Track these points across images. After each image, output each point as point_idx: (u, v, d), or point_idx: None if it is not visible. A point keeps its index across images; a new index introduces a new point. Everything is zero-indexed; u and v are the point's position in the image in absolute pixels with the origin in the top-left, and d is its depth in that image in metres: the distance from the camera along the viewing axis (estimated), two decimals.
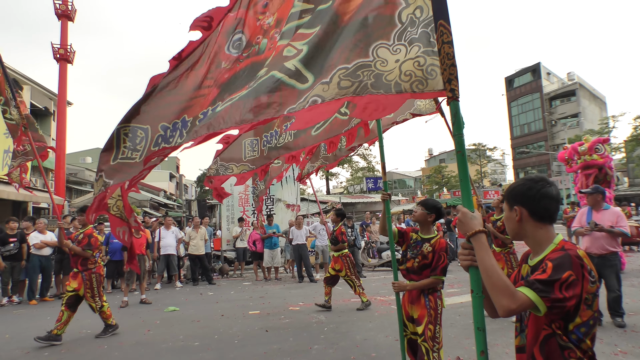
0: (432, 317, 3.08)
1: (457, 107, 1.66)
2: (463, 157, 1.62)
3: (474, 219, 1.51)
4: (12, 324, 6.60)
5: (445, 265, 3.14)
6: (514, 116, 43.68)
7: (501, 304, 1.30)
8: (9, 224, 8.58)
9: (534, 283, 1.31)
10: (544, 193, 1.49)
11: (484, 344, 1.50)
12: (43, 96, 23.30)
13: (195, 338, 5.40)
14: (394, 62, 1.86)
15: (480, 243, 1.46)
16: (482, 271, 1.40)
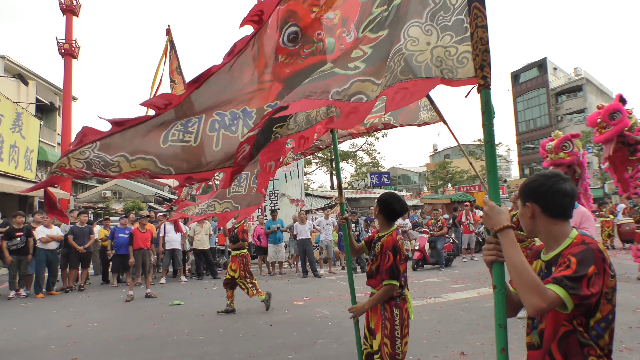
0: (387, 329, 2.59)
1: (489, 96, 1.60)
2: (492, 148, 1.58)
3: (501, 213, 1.48)
4: (20, 317, 6.67)
5: (389, 267, 2.60)
6: (519, 112, 43.35)
7: (531, 303, 1.27)
8: (16, 219, 8.65)
9: (562, 280, 1.28)
10: (557, 189, 1.46)
11: (504, 341, 1.47)
12: (48, 91, 23.41)
13: (200, 332, 5.44)
14: (425, 43, 1.77)
15: (508, 239, 1.42)
16: (511, 268, 1.36)
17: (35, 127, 17.73)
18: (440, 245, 10.65)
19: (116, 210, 24.29)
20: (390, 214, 2.78)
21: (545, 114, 40.39)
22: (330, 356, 4.35)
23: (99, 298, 8.28)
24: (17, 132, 15.78)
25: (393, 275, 2.58)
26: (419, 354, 4.27)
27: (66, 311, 7.00)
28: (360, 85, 1.83)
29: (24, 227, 8.60)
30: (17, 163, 15.91)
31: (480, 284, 8.09)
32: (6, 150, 14.88)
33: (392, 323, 2.59)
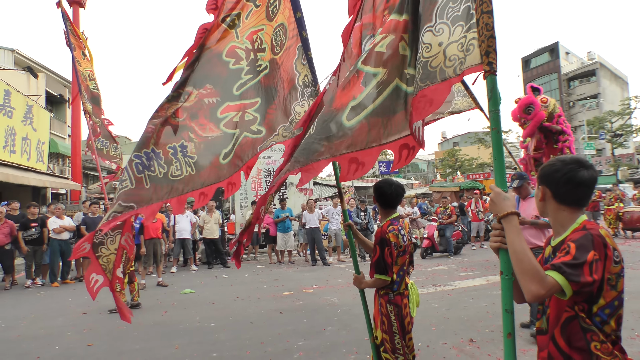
0: (384, 325, 2.54)
1: (495, 82, 1.59)
2: (498, 135, 1.57)
3: (507, 199, 1.48)
4: (37, 305, 6.84)
5: (376, 261, 2.53)
6: None
7: (529, 289, 1.28)
8: (30, 209, 8.82)
9: (560, 267, 1.28)
10: (570, 177, 1.43)
11: (511, 326, 1.48)
12: (58, 83, 23.58)
13: (211, 319, 5.53)
14: (437, 45, 1.74)
15: (512, 225, 1.43)
16: (512, 254, 1.38)
17: (45, 119, 17.94)
18: (449, 233, 10.63)
19: None
20: (385, 200, 2.68)
21: (556, 99, 39.66)
22: (339, 343, 4.40)
23: None
24: (29, 124, 15.98)
25: (379, 269, 2.52)
26: (427, 341, 4.30)
27: (80, 299, 7.16)
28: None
29: (39, 217, 8.78)
30: (29, 155, 16.14)
31: (489, 272, 8.08)
32: (18, 142, 15.09)
33: (388, 319, 2.54)
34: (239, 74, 3.04)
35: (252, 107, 3.04)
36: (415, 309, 2.63)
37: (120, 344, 4.64)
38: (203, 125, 3.00)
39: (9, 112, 14.29)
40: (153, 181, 2.79)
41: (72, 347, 4.62)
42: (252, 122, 3.04)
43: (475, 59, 1.63)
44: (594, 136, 32.94)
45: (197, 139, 2.98)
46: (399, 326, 2.51)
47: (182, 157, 2.94)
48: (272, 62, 3.06)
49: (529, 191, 4.55)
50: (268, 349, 4.29)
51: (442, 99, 1.77)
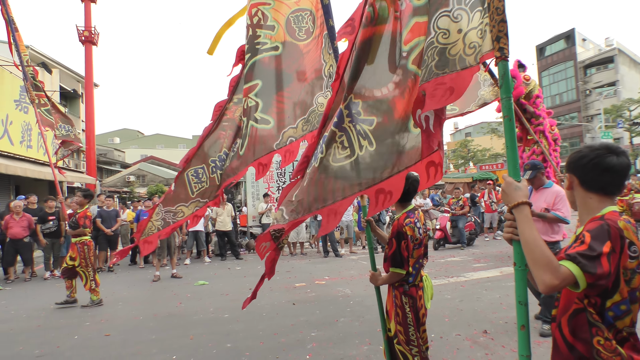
0: (399, 316, 2.51)
1: (506, 68, 1.54)
2: (511, 123, 1.53)
3: (518, 189, 1.45)
4: (55, 297, 6.99)
5: (392, 254, 2.48)
6: (544, 86, 41.78)
7: (542, 280, 1.25)
8: (47, 203, 9.00)
9: (576, 257, 1.24)
10: (597, 163, 1.39)
11: (525, 318, 1.46)
12: (71, 79, 23.89)
13: (224, 310, 5.59)
14: (457, 32, 1.67)
15: (523, 215, 1.40)
16: (523, 244, 1.35)
17: None
18: (461, 225, 10.55)
19: (140, 194, 24.91)
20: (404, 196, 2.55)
21: (572, 88, 38.80)
22: (352, 334, 4.41)
23: (127, 278, 8.60)
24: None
25: (395, 263, 2.48)
26: (441, 332, 4.29)
27: None
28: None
29: (56, 211, 8.95)
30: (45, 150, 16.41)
31: (503, 263, 8.00)
32: (34, 137, 15.37)
33: (403, 311, 2.51)
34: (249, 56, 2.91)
35: (253, 91, 2.83)
36: (429, 300, 2.62)
37: (137, 334, 4.73)
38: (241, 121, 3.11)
39: (24, 107, 14.54)
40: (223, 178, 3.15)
41: (90, 337, 4.72)
42: (254, 108, 2.83)
43: (488, 45, 1.59)
44: (611, 125, 32.19)
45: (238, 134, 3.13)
46: (413, 318, 2.50)
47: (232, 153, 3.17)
48: (289, 46, 2.84)
49: (542, 181, 4.32)
50: (281, 339, 4.33)
51: (463, 87, 1.68)
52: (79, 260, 6.20)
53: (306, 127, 2.84)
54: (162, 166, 37.41)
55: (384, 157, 2.01)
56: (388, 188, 2.01)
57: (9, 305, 6.42)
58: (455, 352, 3.79)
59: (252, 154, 2.86)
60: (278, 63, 2.85)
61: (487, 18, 1.59)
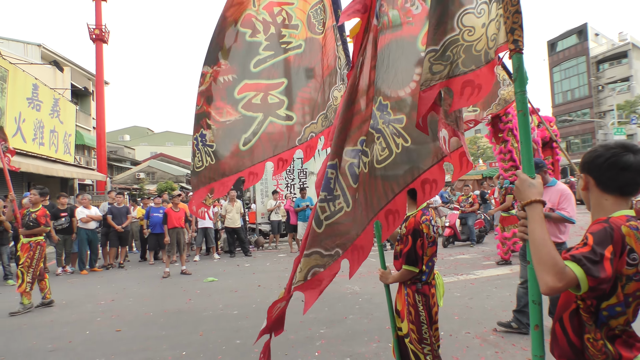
0: (411, 315, 2.49)
1: (521, 61, 1.50)
2: (525, 118, 1.49)
3: (532, 186, 1.41)
4: (67, 292, 7.11)
5: (407, 252, 2.46)
6: (556, 82, 41.23)
7: (545, 281, 1.22)
8: (60, 200, 9.12)
9: (581, 259, 1.20)
10: (614, 162, 1.35)
11: (539, 317, 1.43)
12: (82, 77, 24.14)
13: (234, 307, 5.62)
14: (481, 27, 1.63)
15: (535, 213, 1.37)
16: (531, 243, 1.32)
17: (71, 112, 18.43)
18: (471, 222, 10.47)
19: (150, 191, 25.14)
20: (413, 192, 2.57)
21: (584, 83, 38.20)
22: (361, 331, 4.41)
23: (137, 275, 8.69)
24: (56, 117, 16.45)
25: (410, 261, 2.46)
26: (450, 330, 4.26)
27: (108, 287, 7.40)
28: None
29: (68, 207, 9.07)
30: (57, 147, 16.65)
31: (512, 261, 7.93)
32: (47, 135, 15.57)
33: (415, 309, 2.49)
34: (257, 49, 2.82)
35: (277, 89, 2.81)
36: (442, 298, 2.59)
37: (147, 330, 4.78)
38: (220, 109, 2.84)
39: (37, 105, 14.74)
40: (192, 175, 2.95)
41: (101, 332, 4.78)
42: (277, 105, 2.81)
43: (502, 37, 1.54)
44: (624, 121, 31.64)
45: (215, 125, 2.85)
46: (426, 316, 2.48)
47: (202, 147, 2.87)
48: (310, 42, 2.82)
49: (546, 180, 4.11)
50: (290, 336, 4.34)
51: (489, 84, 1.66)
52: (24, 259, 5.84)
53: (325, 123, 2.79)
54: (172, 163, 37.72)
55: (421, 150, 2.11)
56: (432, 177, 2.11)
57: None
58: (465, 350, 3.77)
59: (271, 150, 2.81)
60: (301, 60, 2.84)
61: (501, 9, 1.56)
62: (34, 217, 6.03)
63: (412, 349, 2.49)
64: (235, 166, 2.88)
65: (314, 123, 2.79)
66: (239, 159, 2.86)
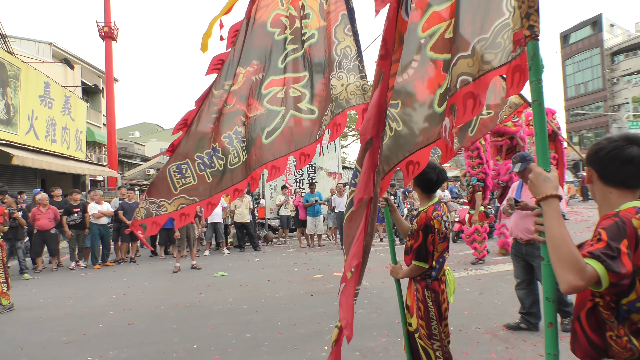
0: (420, 311, 2.47)
1: (537, 48, 1.43)
2: (540, 108, 1.44)
3: (548, 180, 1.36)
4: (81, 286, 7.23)
5: (417, 248, 2.43)
6: (568, 75, 40.50)
7: (566, 279, 1.18)
8: (72, 196, 9.27)
9: (600, 255, 1.18)
10: (616, 155, 1.32)
11: (553, 315, 1.40)
12: (92, 74, 24.39)
13: (244, 301, 5.66)
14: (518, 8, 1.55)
15: (551, 209, 1.32)
16: (549, 240, 1.27)
17: (82, 109, 18.64)
18: None
19: None
20: (427, 185, 2.55)
21: (598, 76, 37.45)
22: (370, 326, 4.41)
23: (148, 269, 8.80)
24: (67, 114, 16.65)
25: (420, 256, 2.43)
26: (460, 325, 4.24)
27: (120, 281, 7.51)
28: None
29: (80, 203, 9.22)
30: (68, 144, 16.87)
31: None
32: (59, 132, 15.78)
33: (425, 305, 2.46)
34: (283, 45, 2.84)
35: (299, 82, 2.80)
36: (452, 295, 2.56)
37: (159, 324, 4.84)
38: (250, 105, 2.89)
39: (49, 103, 14.93)
40: (215, 175, 2.93)
41: (114, 325, 4.86)
42: (299, 99, 2.79)
43: (516, 24, 1.48)
44: (639, 114, 31.02)
45: (247, 121, 2.89)
46: (436, 312, 2.45)
47: (237, 143, 2.92)
48: (321, 31, 2.78)
49: None
50: (300, 330, 4.36)
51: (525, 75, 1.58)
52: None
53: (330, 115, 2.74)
54: None
55: (411, 134, 2.14)
56: (416, 159, 2.14)
57: (37, 294, 6.66)
58: (474, 346, 3.75)
59: (293, 144, 2.80)
60: (317, 50, 2.79)
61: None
62: None
63: (422, 345, 2.47)
64: (257, 160, 2.90)
65: (326, 115, 2.76)
66: (261, 152, 2.87)
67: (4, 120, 12.35)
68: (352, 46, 2.67)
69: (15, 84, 12.84)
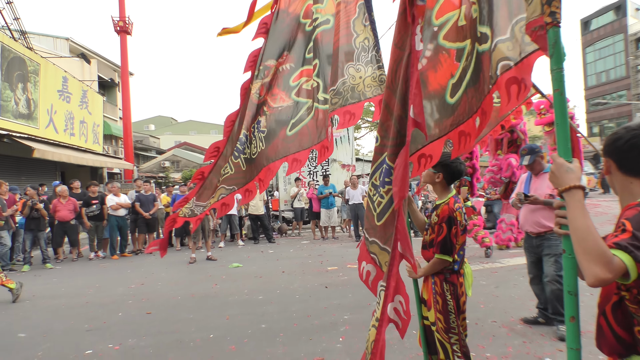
0: (438, 304, 2.44)
1: (558, 35, 1.38)
2: (562, 97, 1.39)
3: (570, 171, 1.32)
4: (100, 276, 7.41)
5: (442, 240, 2.38)
6: (589, 63, 39.34)
7: (593, 272, 1.14)
8: (91, 188, 9.47)
9: (627, 246, 1.13)
10: (635, 144, 1.27)
11: (574, 309, 1.37)
12: (108, 68, 24.72)
13: (259, 292, 5.72)
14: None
15: (575, 200, 1.27)
16: (573, 232, 1.23)
17: (99, 103, 18.94)
18: (497, 209, 10.23)
19: (175, 179, 25.71)
20: (453, 177, 2.51)
21: (621, 64, 36.23)
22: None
23: (165, 260, 8.91)
24: (85, 108, 16.94)
25: (445, 250, 2.38)
26: (475, 319, 4.21)
27: (138, 271, 7.67)
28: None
29: (99, 195, 9.41)
30: (86, 137, 17.19)
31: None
32: (77, 126, 16.08)
33: (443, 298, 2.42)
34: (310, 36, 2.79)
35: (314, 71, 2.73)
36: (470, 287, 2.53)
37: (176, 313, 4.93)
38: (275, 96, 2.86)
39: (67, 97, 15.21)
40: (247, 163, 2.97)
41: (133, 314, 4.97)
42: (317, 89, 2.72)
43: (536, 10, 1.41)
44: None
45: (269, 110, 2.87)
46: (454, 305, 2.41)
47: (257, 132, 2.92)
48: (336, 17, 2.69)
49: (542, 166, 3.98)
50: (315, 322, 4.39)
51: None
52: None
53: (336, 101, 2.65)
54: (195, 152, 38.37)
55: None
56: (429, 152, 2.09)
57: (59, 283, 6.85)
58: (491, 339, 3.72)
59: (316, 137, 2.75)
60: (330, 36, 2.71)
61: None
62: None
63: (439, 338, 2.44)
64: (281, 151, 2.88)
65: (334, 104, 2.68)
66: (285, 144, 2.85)
67: (25, 115, 12.64)
68: (369, 37, 2.61)
69: (35, 79, 13.10)
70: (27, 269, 8.22)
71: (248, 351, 3.72)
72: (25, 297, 5.87)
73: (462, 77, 1.91)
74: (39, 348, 3.98)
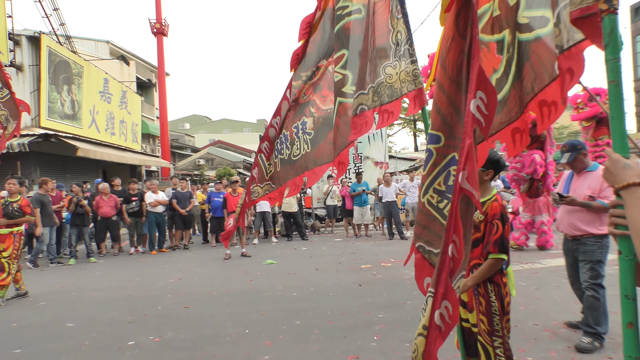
0: (482, 305, 2.34)
1: (615, 23, 1.29)
2: (618, 89, 1.30)
3: (628, 167, 1.24)
4: (140, 270, 7.70)
5: (499, 238, 2.27)
6: (639, 53, 37.02)
7: None
8: (131, 185, 9.85)
9: None
10: None
11: (633, 314, 1.29)
12: (146, 69, 25.59)
13: (293, 289, 5.77)
14: None
15: (634, 198, 1.19)
16: (633, 232, 1.15)
17: (137, 103, 19.67)
18: None
19: (210, 177, 26.34)
20: (499, 171, 2.46)
21: None
22: (420, 318, 4.32)
23: (201, 256, 9.19)
24: (124, 108, 17.64)
25: (503, 249, 2.25)
26: (515, 321, 4.02)
27: (175, 267, 7.91)
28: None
29: (138, 192, 9.78)
30: (126, 136, 17.90)
31: None
32: (117, 125, 16.77)
33: (486, 299, 2.32)
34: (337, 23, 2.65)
35: (339, 63, 2.57)
36: (514, 287, 2.42)
37: (212, 308, 5.04)
38: (325, 97, 2.77)
39: (108, 98, 15.88)
40: (283, 164, 2.97)
41: (171, 308, 5.13)
42: (342, 83, 2.56)
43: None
44: None
45: (317, 112, 2.81)
46: (499, 306, 2.31)
47: (302, 134, 2.87)
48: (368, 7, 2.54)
49: (585, 164, 3.66)
50: (349, 319, 4.37)
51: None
52: (11, 251, 5.61)
53: (376, 99, 2.50)
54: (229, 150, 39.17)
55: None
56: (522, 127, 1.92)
57: (103, 277, 7.18)
58: (532, 343, 3.58)
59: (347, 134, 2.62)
60: (361, 27, 2.55)
61: None
62: (17, 207, 5.78)
63: (481, 341, 2.36)
64: (326, 155, 2.80)
65: (363, 94, 2.49)
66: (330, 147, 2.74)
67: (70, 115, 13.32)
68: (402, 30, 2.46)
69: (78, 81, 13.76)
70: (73, 262, 8.68)
71: (283, 347, 3.76)
72: (72, 288, 6.19)
73: (507, 70, 1.81)
74: (86, 337, 4.18)
